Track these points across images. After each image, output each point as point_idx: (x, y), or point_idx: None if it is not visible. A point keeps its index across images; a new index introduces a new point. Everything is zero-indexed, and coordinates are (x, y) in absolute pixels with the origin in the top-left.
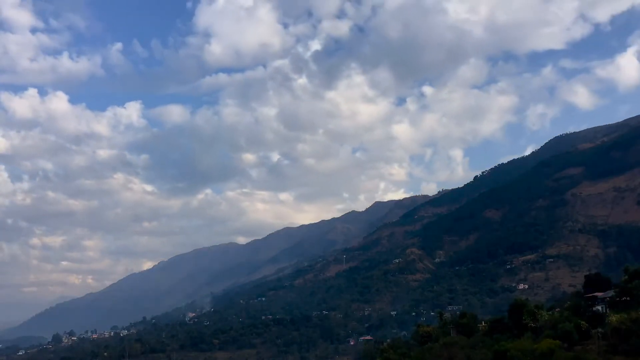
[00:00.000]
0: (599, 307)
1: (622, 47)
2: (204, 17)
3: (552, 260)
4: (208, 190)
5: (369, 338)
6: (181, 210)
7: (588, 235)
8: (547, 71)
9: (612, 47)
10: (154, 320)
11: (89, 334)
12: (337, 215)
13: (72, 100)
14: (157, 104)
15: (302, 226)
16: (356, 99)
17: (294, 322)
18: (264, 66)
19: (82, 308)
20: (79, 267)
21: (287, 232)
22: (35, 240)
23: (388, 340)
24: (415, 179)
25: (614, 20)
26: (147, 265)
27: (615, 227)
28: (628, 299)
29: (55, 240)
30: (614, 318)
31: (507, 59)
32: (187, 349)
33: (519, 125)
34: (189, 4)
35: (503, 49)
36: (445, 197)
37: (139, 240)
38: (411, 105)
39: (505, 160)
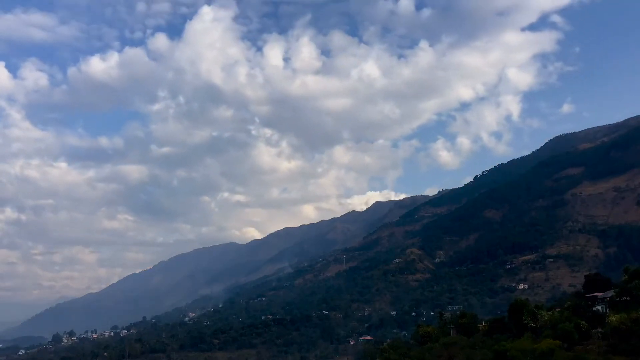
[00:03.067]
0: (599, 307)
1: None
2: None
3: (552, 260)
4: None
5: (369, 338)
6: (164, 230)
7: (588, 235)
8: (402, 146)
9: (434, 135)
10: (154, 320)
11: (89, 334)
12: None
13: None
14: (121, 164)
15: (302, 226)
16: (272, 161)
17: (294, 322)
18: (196, 145)
19: (82, 308)
20: (78, 275)
21: (287, 232)
22: (37, 255)
23: (388, 340)
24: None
25: (431, 119)
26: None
27: (615, 227)
28: (628, 299)
29: (54, 253)
30: (614, 318)
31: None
32: (187, 349)
33: (410, 175)
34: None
35: (365, 138)
36: (445, 197)
37: (131, 253)
38: (317, 164)
39: (505, 160)
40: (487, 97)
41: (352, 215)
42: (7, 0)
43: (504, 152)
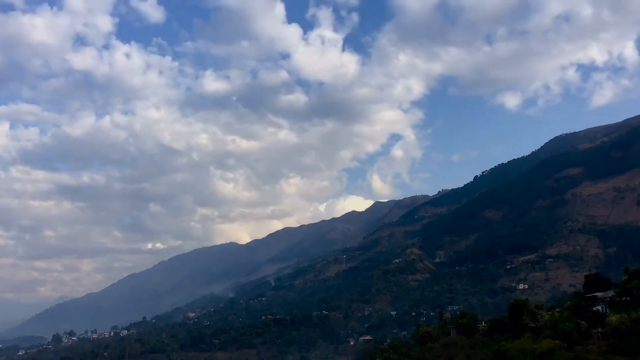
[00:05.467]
0: (599, 307)
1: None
2: None
3: (552, 260)
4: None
5: (369, 338)
6: (154, 243)
7: (588, 235)
8: (335, 182)
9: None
10: (154, 320)
11: (89, 334)
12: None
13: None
14: (106, 196)
15: (302, 226)
16: (233, 191)
17: (294, 322)
18: (166, 181)
19: (82, 308)
20: (77, 278)
21: (287, 232)
22: (37, 260)
23: (388, 340)
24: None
25: (351, 165)
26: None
27: (615, 227)
28: (628, 299)
29: (53, 261)
30: (614, 318)
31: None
32: (187, 349)
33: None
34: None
35: (305, 175)
36: (445, 197)
37: (125, 262)
38: (271, 193)
39: (505, 160)
40: (388, 149)
41: (352, 215)
42: (1, 98)
43: (419, 187)
